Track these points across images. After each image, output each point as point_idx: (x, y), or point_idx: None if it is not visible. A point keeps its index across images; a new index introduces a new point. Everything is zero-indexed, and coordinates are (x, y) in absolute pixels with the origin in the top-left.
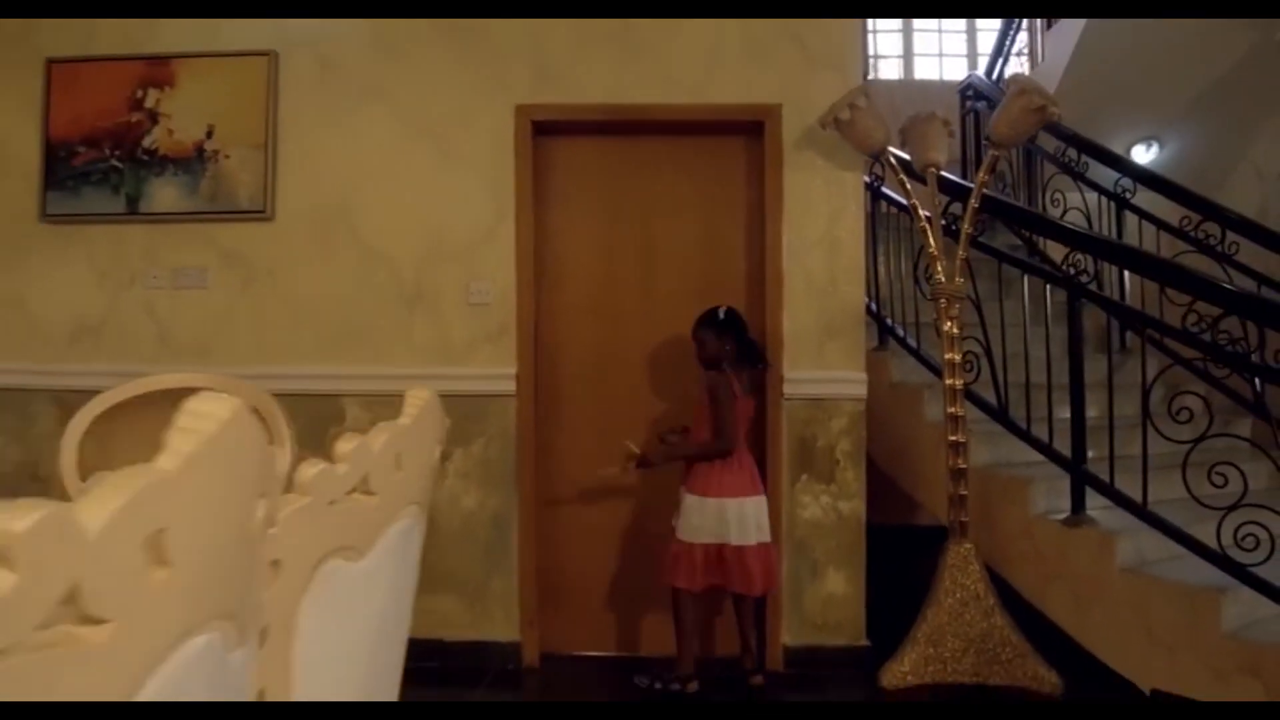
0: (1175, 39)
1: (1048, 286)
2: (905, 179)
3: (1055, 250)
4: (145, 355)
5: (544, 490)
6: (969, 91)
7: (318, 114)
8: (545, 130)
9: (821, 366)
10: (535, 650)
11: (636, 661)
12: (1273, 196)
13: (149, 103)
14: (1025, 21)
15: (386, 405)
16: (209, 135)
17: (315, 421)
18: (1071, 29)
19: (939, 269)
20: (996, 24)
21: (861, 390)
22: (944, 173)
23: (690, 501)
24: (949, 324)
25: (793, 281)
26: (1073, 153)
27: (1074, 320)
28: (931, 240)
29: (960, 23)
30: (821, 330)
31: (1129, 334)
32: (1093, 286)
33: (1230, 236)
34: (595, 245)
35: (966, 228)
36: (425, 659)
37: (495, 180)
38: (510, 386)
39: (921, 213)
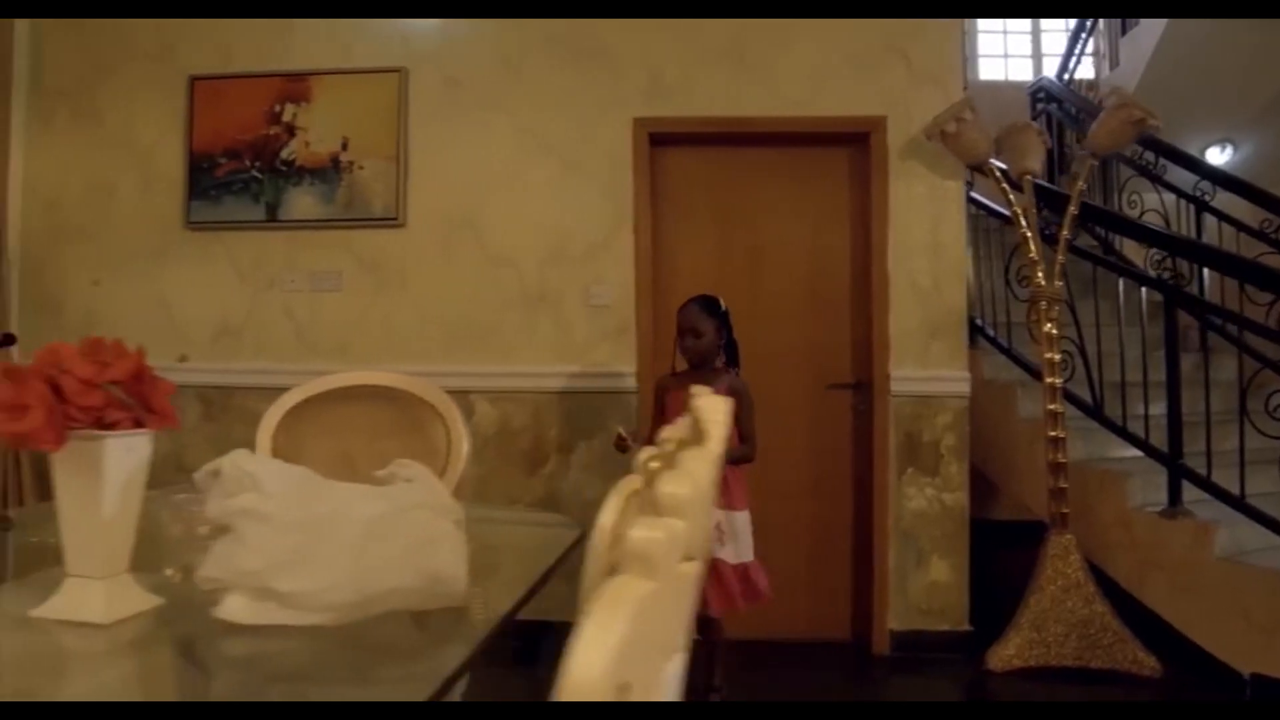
0: (1253, 43)
1: (1143, 290)
2: (1006, 187)
3: (1130, 250)
4: (284, 354)
5: None
6: (1040, 94)
7: (444, 127)
8: (660, 141)
9: (926, 366)
10: None
11: (759, 644)
12: None
13: (287, 117)
14: (1100, 24)
15: (512, 400)
16: (344, 147)
17: None
18: (1150, 34)
19: (1039, 273)
20: (1061, 25)
21: (965, 388)
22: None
23: (743, 519)
24: (1049, 325)
25: (898, 285)
26: (1150, 155)
27: (1170, 321)
28: (1032, 246)
29: (1025, 24)
30: (926, 331)
31: (1209, 332)
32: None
33: None
34: (706, 249)
35: (1065, 234)
36: (537, 638)
37: (613, 188)
38: (630, 384)
39: (1021, 219)
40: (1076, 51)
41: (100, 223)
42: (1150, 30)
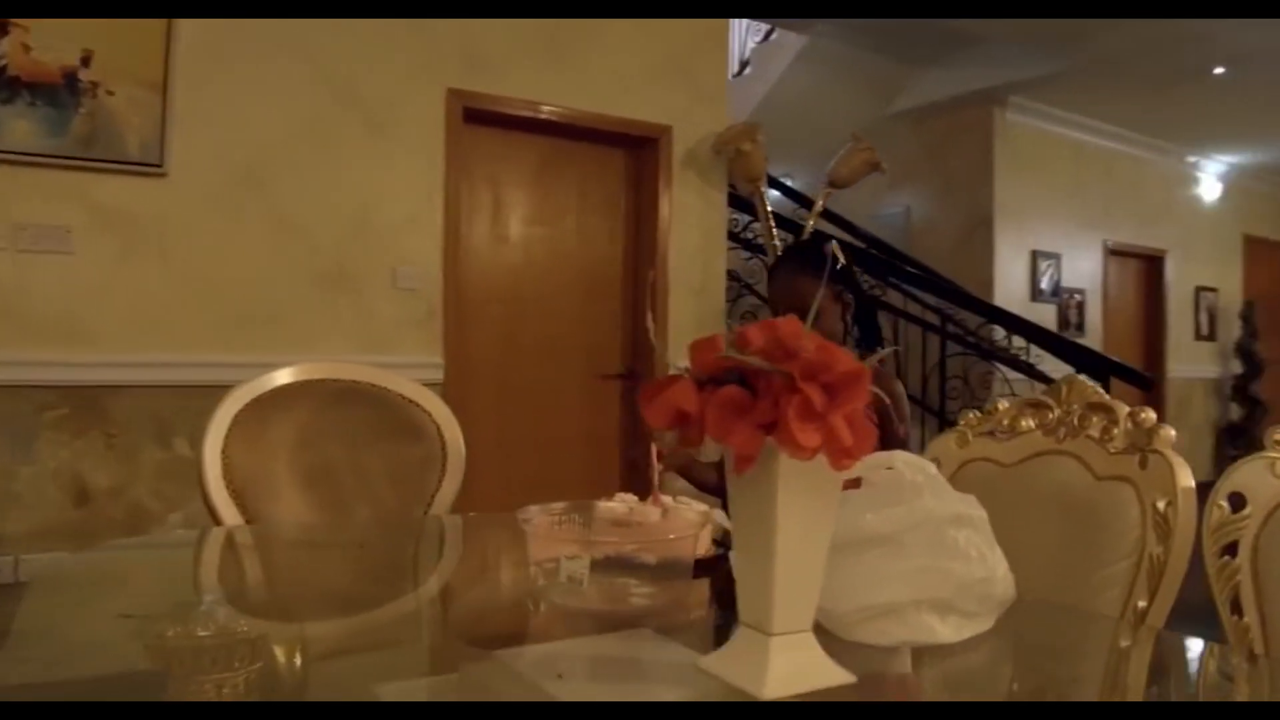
0: (838, 101)
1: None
2: (768, 206)
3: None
4: None
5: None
6: None
7: (225, 60)
8: (472, 118)
9: None
10: None
11: None
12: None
13: None
14: None
15: None
16: (84, 63)
17: None
18: (762, 82)
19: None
20: None
21: None
22: None
23: None
24: None
25: (673, 283)
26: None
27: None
28: (777, 254)
29: None
30: (695, 326)
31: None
32: None
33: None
34: (506, 235)
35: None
36: None
37: (423, 161)
38: (437, 375)
39: (773, 230)
40: None
41: None
42: (763, 79)
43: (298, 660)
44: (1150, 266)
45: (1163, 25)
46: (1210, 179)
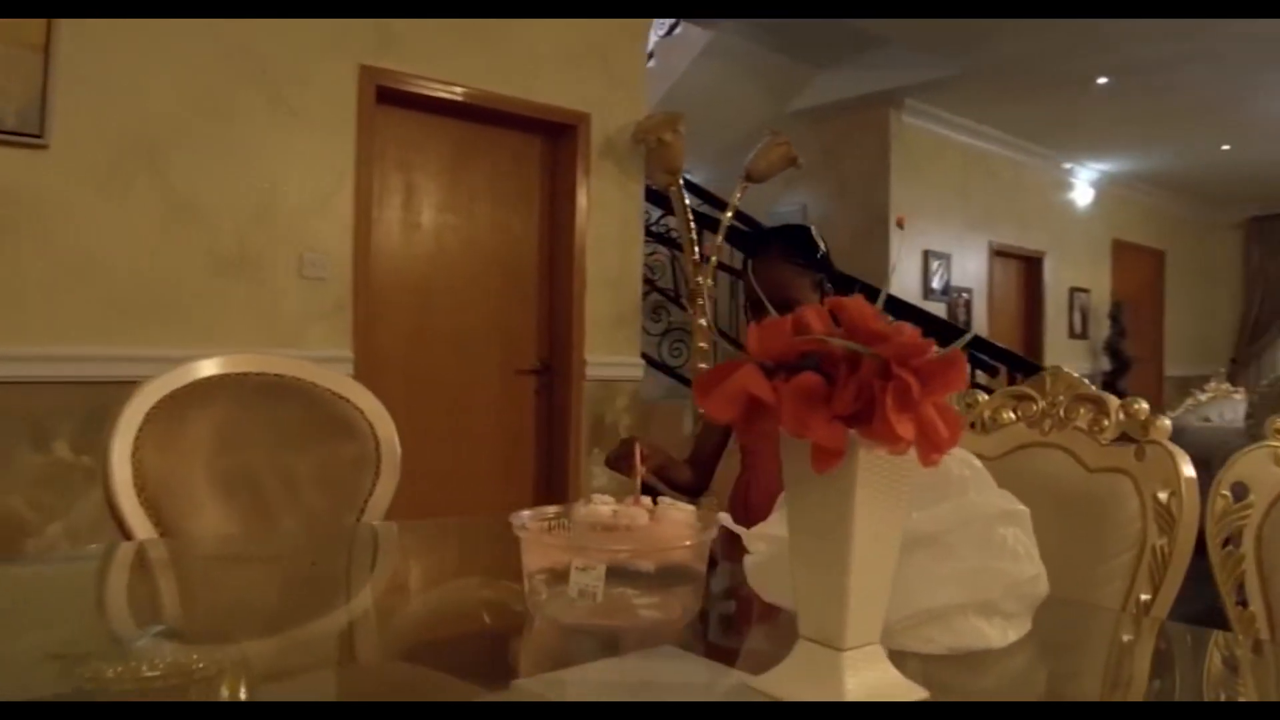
0: (730, 98)
1: None
2: (687, 197)
3: None
4: None
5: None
6: None
7: (118, 21)
8: (385, 98)
9: (613, 352)
10: None
11: None
12: None
13: None
14: None
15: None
16: None
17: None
18: (668, 74)
19: (699, 274)
20: None
21: (639, 373)
22: None
23: None
24: (703, 320)
25: (590, 275)
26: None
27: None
28: (696, 250)
29: None
30: (612, 320)
31: None
32: None
33: None
34: (419, 223)
35: (720, 240)
36: None
37: (332, 141)
38: (347, 370)
39: (690, 224)
40: None
41: None
42: (667, 73)
43: (272, 699)
44: (1030, 267)
45: (1054, 34)
46: (1083, 185)
